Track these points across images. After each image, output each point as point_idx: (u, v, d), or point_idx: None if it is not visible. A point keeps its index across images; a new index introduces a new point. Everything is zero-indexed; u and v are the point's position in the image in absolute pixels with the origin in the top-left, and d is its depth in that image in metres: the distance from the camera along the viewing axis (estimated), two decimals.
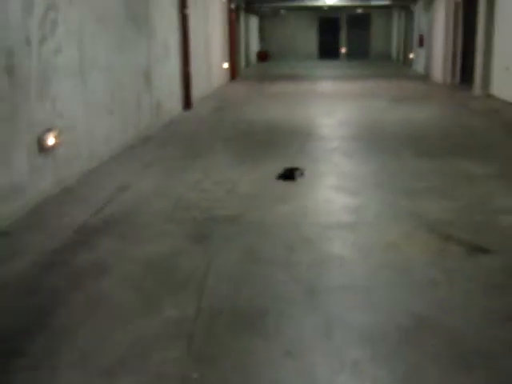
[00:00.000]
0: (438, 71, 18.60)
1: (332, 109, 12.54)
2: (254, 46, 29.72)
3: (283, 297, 3.76)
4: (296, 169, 6.88)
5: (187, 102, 12.45)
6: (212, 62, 16.21)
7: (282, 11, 30.74)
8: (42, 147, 5.86)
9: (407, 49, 25.90)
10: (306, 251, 4.52)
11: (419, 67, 22.06)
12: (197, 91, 13.34)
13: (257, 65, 28.32)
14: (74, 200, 5.99)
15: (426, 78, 19.87)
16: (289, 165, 7.24)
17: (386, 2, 23.54)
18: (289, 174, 6.73)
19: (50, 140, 5.97)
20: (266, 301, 3.71)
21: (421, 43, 21.72)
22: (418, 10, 22.59)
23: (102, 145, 7.55)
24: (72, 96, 6.71)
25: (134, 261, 4.39)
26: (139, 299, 3.77)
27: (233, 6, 19.44)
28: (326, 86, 17.90)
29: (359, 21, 32.72)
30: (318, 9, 29.51)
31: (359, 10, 31.25)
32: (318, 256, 4.43)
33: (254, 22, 29.22)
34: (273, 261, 4.34)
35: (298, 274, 4.10)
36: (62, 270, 4.26)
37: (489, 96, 14.31)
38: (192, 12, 12.96)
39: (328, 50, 32.95)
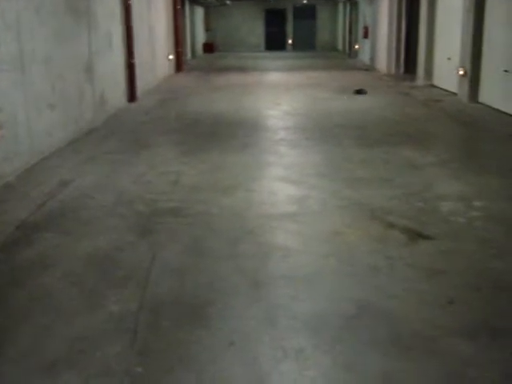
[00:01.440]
0: (383, 62, 18.85)
1: (278, 100, 12.58)
2: (200, 37, 29.55)
3: (227, 288, 3.77)
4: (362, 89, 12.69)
5: (132, 95, 12.30)
6: (157, 53, 16.05)
7: (228, 2, 30.60)
8: None
9: (353, 40, 26.17)
10: (250, 243, 4.53)
11: (365, 58, 22.32)
12: (142, 83, 13.19)
13: (203, 56, 28.17)
14: (14, 196, 5.86)
15: (371, 68, 20.12)
16: (235, 157, 7.26)
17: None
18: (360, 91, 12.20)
19: None
20: (210, 293, 3.71)
21: (365, 34, 21.97)
22: (363, 1, 22.84)
23: (43, 139, 7.40)
24: (11, 90, 6.54)
25: (76, 256, 4.33)
26: (82, 295, 3.72)
27: None
28: (273, 77, 17.93)
29: (305, 12, 32.86)
30: (264, 0, 29.57)
31: (305, 1, 31.38)
32: (261, 247, 4.45)
33: (199, 12, 29.04)
34: (217, 253, 4.34)
35: (242, 265, 4.11)
36: (3, 267, 4.17)
37: (431, 86, 14.58)
38: (135, 2, 12.80)
39: (275, 41, 33.02)
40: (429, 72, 14.94)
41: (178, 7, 19.64)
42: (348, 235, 4.66)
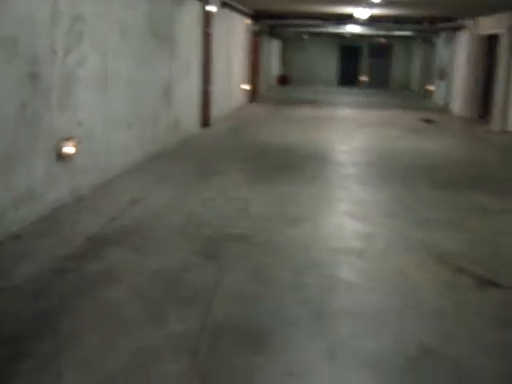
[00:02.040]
0: (458, 104, 18.59)
1: (349, 135, 12.57)
2: (276, 70, 29.89)
3: (289, 318, 3.76)
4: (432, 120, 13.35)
5: (205, 121, 12.52)
6: (233, 83, 16.33)
7: (305, 36, 30.92)
8: (59, 155, 5.93)
9: (427, 80, 25.95)
10: (315, 275, 4.52)
11: (439, 99, 22.08)
12: (216, 110, 13.42)
13: (277, 88, 28.46)
14: (87, 209, 6.03)
15: (445, 110, 19.87)
16: (303, 189, 7.30)
17: (408, 33, 23.66)
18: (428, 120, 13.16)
19: (68, 148, 6.03)
20: (272, 321, 3.71)
21: (441, 76, 21.76)
22: (440, 42, 22.66)
23: (118, 157, 7.61)
24: (93, 107, 6.78)
25: (143, 273, 4.42)
26: (146, 311, 3.79)
27: (256, 28, 19.60)
28: (344, 112, 17.94)
29: (380, 50, 32.84)
30: (341, 36, 29.69)
31: (381, 40, 31.40)
32: (326, 280, 4.43)
33: (276, 45, 29.42)
34: (281, 282, 4.35)
35: (306, 297, 4.10)
36: (71, 277, 4.29)
37: (506, 131, 14.29)
38: (215, 31, 13.09)
39: (348, 78, 33.04)
40: (504, 117, 14.65)
41: (257, 39, 19.96)
42: (414, 277, 4.59)
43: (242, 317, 3.76)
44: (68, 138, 6.05)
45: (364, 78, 33.07)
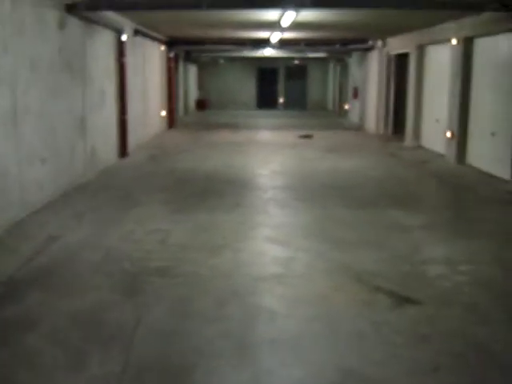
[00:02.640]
0: (372, 122, 19.14)
1: (268, 158, 12.70)
2: (193, 94, 29.94)
3: (212, 352, 3.75)
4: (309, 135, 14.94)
5: (123, 150, 12.40)
6: (149, 110, 16.24)
7: (221, 61, 31.17)
8: None
9: (342, 100, 26.59)
10: (237, 305, 4.53)
11: (354, 118, 22.65)
12: (133, 139, 13.31)
13: (195, 113, 28.50)
14: (2, 250, 5.85)
15: (360, 128, 20.40)
16: (224, 216, 7.33)
17: (322, 55, 24.24)
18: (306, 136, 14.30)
19: None
20: (195, 356, 3.68)
21: (355, 95, 22.35)
22: (353, 62, 23.31)
23: (33, 193, 7.42)
24: (3, 143, 6.60)
25: (61, 314, 4.31)
26: (65, 355, 3.70)
27: (172, 54, 19.62)
28: (263, 135, 18.13)
29: (297, 72, 33.44)
30: (257, 59, 30.08)
31: (296, 62, 31.99)
32: (247, 310, 4.44)
33: (192, 70, 29.48)
34: (203, 315, 4.34)
35: (228, 328, 4.10)
36: None
37: (419, 147, 14.79)
38: (130, 60, 13.02)
39: (266, 100, 33.43)
40: (417, 133, 15.18)
41: (172, 65, 19.97)
42: (334, 298, 4.67)
43: (164, 354, 3.72)
44: None
45: (282, 100, 33.58)
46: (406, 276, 5.24)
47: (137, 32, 13.99)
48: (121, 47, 12.15)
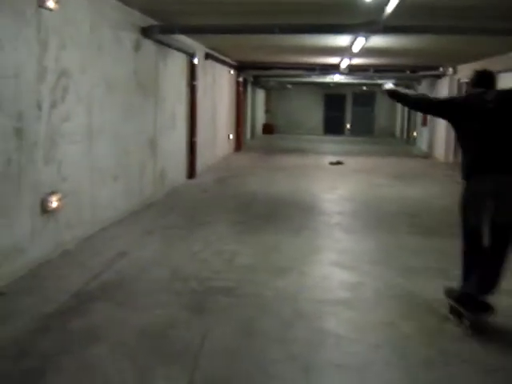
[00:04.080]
0: (441, 150, 18.81)
1: (334, 184, 12.64)
2: (260, 119, 30.19)
3: (277, 374, 3.72)
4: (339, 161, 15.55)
5: (191, 171, 12.57)
6: (218, 133, 16.46)
7: (289, 86, 31.34)
8: (44, 210, 5.92)
9: (411, 127, 26.28)
10: (302, 327, 4.49)
11: (422, 145, 22.33)
12: (201, 161, 13.49)
13: (262, 137, 28.70)
14: (72, 264, 5.99)
15: (428, 156, 20.09)
16: (290, 239, 7.32)
17: (391, 81, 24.10)
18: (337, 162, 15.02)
19: (53, 203, 6.03)
20: (260, 376, 3.66)
21: (424, 122, 22.05)
22: (422, 89, 23.05)
23: (104, 210, 7.60)
24: (78, 161, 6.81)
25: (128, 329, 4.37)
26: (132, 369, 3.74)
27: (241, 78, 19.87)
28: (330, 160, 18.07)
29: (364, 98, 33.31)
30: (325, 85, 30.11)
31: (364, 88, 31.89)
32: (313, 333, 4.40)
33: (260, 94, 29.77)
34: (268, 336, 4.31)
35: (294, 350, 4.07)
36: (55, 335, 4.23)
37: None
38: (200, 83, 13.25)
39: (333, 126, 33.41)
40: None
41: (241, 89, 20.22)
42: (401, 326, 4.57)
43: (229, 373, 3.71)
44: (53, 193, 6.06)
45: (348, 126, 33.48)
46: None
47: (208, 56, 14.24)
48: (192, 70, 12.39)
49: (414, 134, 25.08)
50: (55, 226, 6.22)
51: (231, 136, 18.94)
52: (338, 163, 16.48)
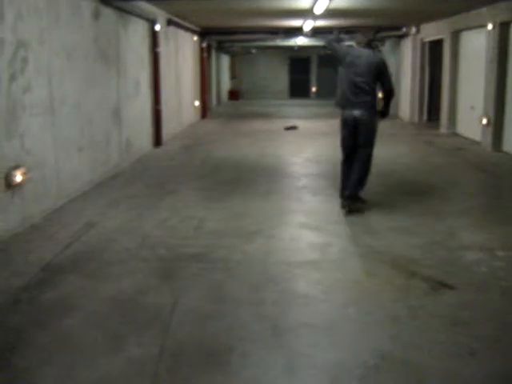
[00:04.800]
0: (406, 110, 18.96)
1: (300, 147, 12.68)
2: (226, 85, 30.01)
3: (248, 336, 3.79)
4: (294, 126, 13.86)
5: (157, 140, 12.50)
6: (183, 100, 16.34)
7: (253, 50, 31.15)
8: (9, 184, 5.86)
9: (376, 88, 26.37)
10: (271, 290, 4.56)
11: None
12: (167, 129, 13.41)
13: (228, 103, 28.57)
14: (40, 237, 5.96)
15: (394, 116, 20.22)
16: (257, 203, 7.37)
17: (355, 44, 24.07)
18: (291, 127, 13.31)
19: (18, 177, 5.97)
20: (230, 339, 3.72)
21: None
22: (386, 50, 23.08)
23: (70, 182, 7.55)
24: (41, 133, 6.72)
25: (99, 299, 4.39)
26: (104, 338, 3.77)
27: (204, 44, 19.68)
28: (295, 124, 18.08)
29: (329, 60, 33.25)
30: (289, 48, 29.99)
31: (328, 52, 31.83)
32: (282, 294, 4.47)
33: (225, 60, 29.54)
34: (238, 299, 4.37)
35: (263, 312, 4.13)
36: (26, 308, 4.23)
37: (454, 134, 14.63)
38: (163, 50, 13.10)
39: (299, 89, 33.37)
40: (452, 120, 15.02)
41: (205, 55, 20.03)
42: (368, 283, 4.67)
43: (200, 337, 3.77)
44: (17, 167, 5.99)
45: (314, 89, 33.44)
46: (441, 261, 5.21)
47: (170, 22, 14.06)
48: (154, 37, 12.24)
49: (380, 94, 25.17)
50: (21, 200, 6.16)
51: (197, 103, 18.82)
52: (293, 128, 16.15)
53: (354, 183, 6.88)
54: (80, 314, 4.12)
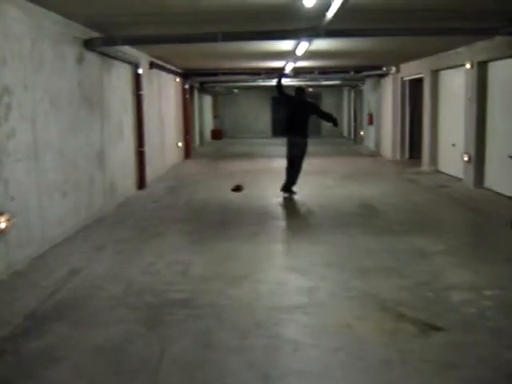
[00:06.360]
0: (388, 148, 19.14)
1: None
2: (208, 124, 30.16)
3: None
4: (240, 185, 12.07)
5: (141, 182, 12.49)
6: (166, 141, 16.37)
7: (236, 90, 31.42)
8: None
9: (358, 126, 26.65)
10: (260, 335, 4.52)
11: (370, 144, 22.67)
12: (151, 171, 13.41)
13: (211, 142, 28.67)
14: (25, 285, 5.88)
15: (376, 154, 20.41)
16: (243, 246, 7.35)
17: (336, 82, 24.35)
18: (236, 188, 11.89)
19: (1, 224, 5.92)
20: None
21: (370, 121, 22.39)
22: (367, 89, 23.40)
23: (54, 227, 7.49)
24: (25, 178, 6.69)
25: (85, 348, 4.32)
26: None
27: (187, 85, 19.82)
28: (279, 164, 18.11)
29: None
30: (271, 88, 30.26)
31: (310, 89, 32.18)
32: (271, 340, 4.43)
33: (207, 100, 29.75)
34: (227, 346, 4.32)
35: (252, 359, 4.09)
36: (11, 359, 4.15)
37: (437, 171, 14.76)
38: (146, 92, 13.17)
39: (281, 128, 33.61)
40: (434, 158, 15.17)
41: (187, 96, 20.17)
42: (358, 328, 4.64)
43: None
44: (0, 213, 5.94)
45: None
46: (429, 303, 5.20)
47: (152, 65, 14.18)
48: (137, 80, 12.31)
49: (361, 133, 25.44)
50: (4, 246, 6.10)
51: (180, 144, 18.88)
52: (238, 189, 12.11)
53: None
54: (66, 364, 4.05)
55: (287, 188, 11.26)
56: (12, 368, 4.02)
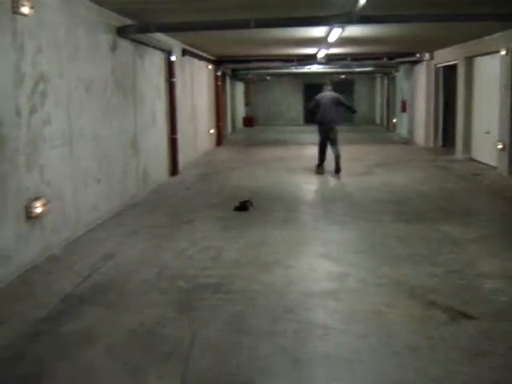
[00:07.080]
0: (421, 135, 18.97)
1: (316, 174, 12.70)
2: (240, 112, 30.20)
3: (268, 368, 3.79)
4: (248, 201, 9.07)
5: (174, 169, 12.60)
6: (198, 128, 16.47)
7: (268, 77, 31.36)
8: (29, 215, 5.94)
9: (391, 114, 26.42)
10: (291, 320, 4.56)
11: (403, 132, 22.48)
12: (183, 157, 13.51)
13: (243, 130, 28.71)
14: (60, 268, 6.02)
15: (409, 142, 20.23)
16: (274, 232, 7.39)
17: (369, 69, 24.16)
18: (242, 206, 8.87)
19: (38, 208, 6.05)
20: (250, 371, 3.73)
21: (403, 108, 22.18)
22: (400, 76, 23.18)
23: (88, 212, 7.62)
24: (60, 165, 6.82)
25: (119, 331, 4.42)
26: (124, 370, 3.79)
27: (219, 72, 19.87)
28: (311, 151, 18.09)
29: (343, 87, 33.39)
30: (303, 75, 30.14)
31: (343, 76, 31.96)
32: (302, 325, 4.47)
33: (240, 87, 29.76)
34: (258, 330, 4.38)
35: (283, 344, 4.13)
36: (48, 340, 4.27)
37: (470, 159, 14.61)
38: (179, 79, 13.26)
39: (313, 115, 33.46)
40: (467, 145, 15.00)
41: (219, 83, 20.22)
42: (387, 314, 4.66)
43: (220, 369, 3.77)
44: (37, 198, 6.08)
45: None
46: (461, 291, 5.19)
47: (185, 52, 14.25)
48: (170, 67, 12.39)
49: (394, 120, 25.23)
50: (41, 231, 6.24)
51: (212, 131, 18.96)
52: (243, 207, 8.99)
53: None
54: (100, 346, 4.15)
55: (338, 170, 12.45)
56: (48, 348, 4.13)
